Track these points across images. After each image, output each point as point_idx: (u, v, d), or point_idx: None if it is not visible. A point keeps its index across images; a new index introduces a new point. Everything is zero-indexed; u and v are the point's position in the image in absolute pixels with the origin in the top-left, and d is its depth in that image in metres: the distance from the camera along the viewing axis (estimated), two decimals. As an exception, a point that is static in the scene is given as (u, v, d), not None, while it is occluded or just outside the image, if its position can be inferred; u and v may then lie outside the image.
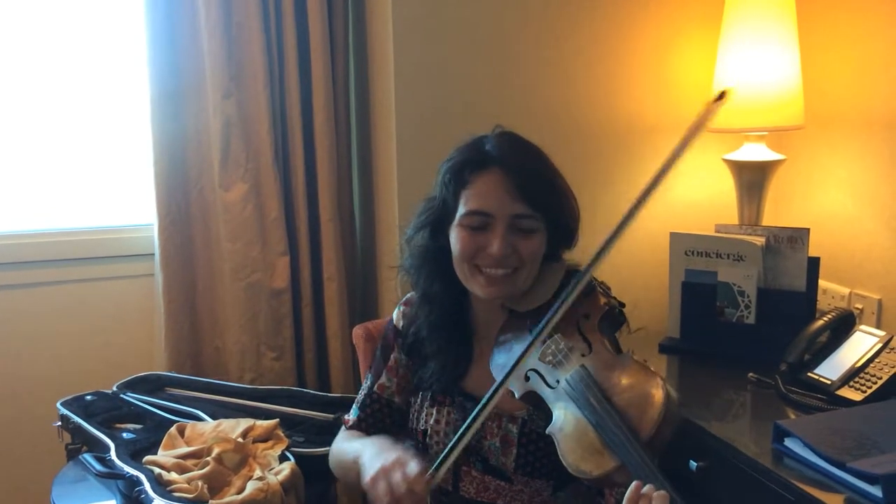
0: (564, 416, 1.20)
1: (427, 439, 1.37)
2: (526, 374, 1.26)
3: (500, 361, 1.31)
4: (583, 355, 1.24)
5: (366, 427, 1.47)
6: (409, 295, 1.48)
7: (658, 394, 1.14)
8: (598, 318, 1.29)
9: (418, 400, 1.41)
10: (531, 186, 1.27)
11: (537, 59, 2.11)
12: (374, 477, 1.18)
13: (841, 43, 2.01)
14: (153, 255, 2.31)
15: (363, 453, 1.29)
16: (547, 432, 1.21)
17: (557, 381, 1.23)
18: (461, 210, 1.30)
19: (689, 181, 2.25)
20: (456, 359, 1.37)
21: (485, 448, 1.33)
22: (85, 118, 2.40)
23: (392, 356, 1.46)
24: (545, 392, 1.24)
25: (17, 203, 2.39)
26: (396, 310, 1.49)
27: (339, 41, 2.30)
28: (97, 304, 2.41)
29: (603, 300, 1.32)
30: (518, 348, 1.28)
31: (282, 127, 2.30)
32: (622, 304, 1.35)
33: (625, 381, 1.19)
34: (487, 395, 1.21)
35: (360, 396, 1.50)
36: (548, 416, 1.23)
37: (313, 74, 2.26)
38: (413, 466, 1.17)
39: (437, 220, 1.35)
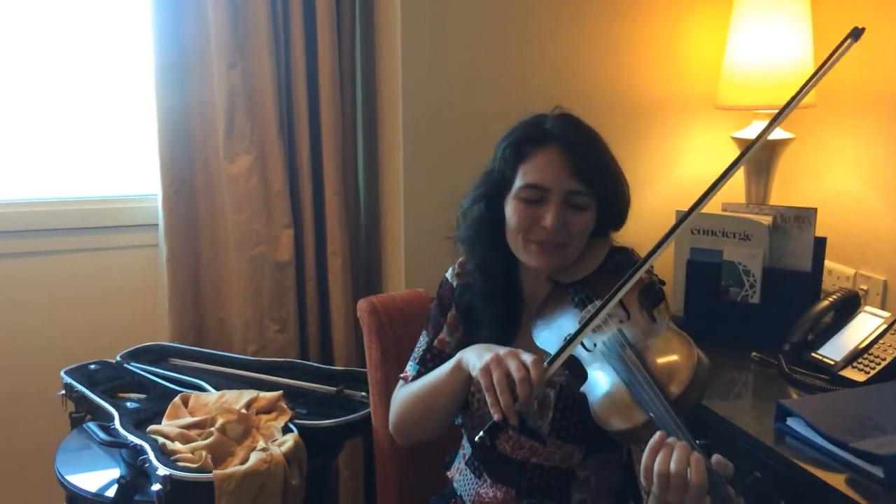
0: (598, 374, 1.25)
1: (469, 396, 1.40)
2: (565, 338, 1.30)
3: (544, 331, 1.37)
4: (621, 322, 1.30)
5: None
6: (461, 258, 1.51)
7: (690, 357, 1.20)
8: (638, 290, 1.34)
9: None
10: (587, 165, 1.33)
11: (545, 36, 2.09)
12: (487, 365, 1.22)
13: (853, 21, 1.97)
14: (157, 225, 2.30)
15: (456, 359, 1.33)
16: (581, 390, 1.26)
17: (595, 345, 1.29)
18: (518, 183, 1.35)
19: (696, 159, 2.24)
20: (505, 327, 1.42)
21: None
22: (90, 87, 2.38)
23: (450, 313, 1.49)
24: (582, 354, 1.29)
25: (21, 171, 2.38)
26: (450, 271, 1.52)
27: (345, 11, 2.28)
28: (101, 273, 2.41)
29: (644, 275, 1.35)
30: (560, 317, 1.36)
31: (287, 98, 2.28)
32: (662, 282, 1.41)
33: (659, 345, 1.25)
34: (610, 294, 1.26)
35: (417, 353, 1.51)
36: (583, 376, 1.27)
37: (319, 46, 2.24)
38: (527, 356, 1.21)
39: (494, 193, 1.39)
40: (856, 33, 1.29)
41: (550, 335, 1.35)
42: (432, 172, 2.05)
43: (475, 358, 1.27)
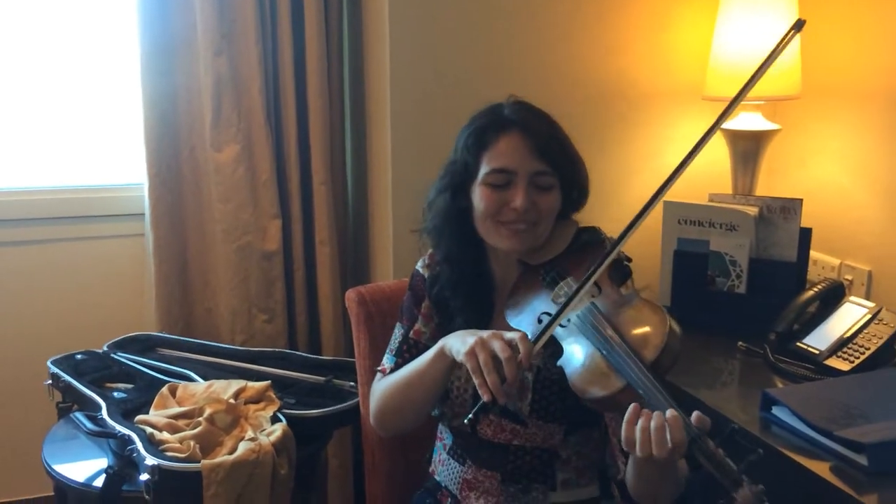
0: (573, 347, 1.28)
1: (448, 385, 1.41)
2: (539, 317, 1.34)
3: (518, 314, 1.39)
4: (592, 296, 1.33)
5: None
6: (430, 251, 1.53)
7: (662, 322, 1.23)
8: (608, 266, 1.35)
9: None
10: (548, 146, 1.37)
11: (533, 24, 2.09)
12: (472, 348, 1.23)
13: (840, 13, 2.00)
14: (143, 214, 2.29)
15: (436, 348, 1.34)
16: (558, 364, 1.28)
17: (569, 320, 1.31)
18: (484, 169, 1.37)
19: (683, 149, 2.22)
20: (479, 314, 1.44)
21: None
22: (75, 75, 2.36)
23: (424, 304, 1.50)
24: (557, 330, 1.31)
25: (5, 161, 2.36)
26: (419, 264, 1.54)
27: None
28: (87, 263, 2.40)
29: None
30: (532, 297, 1.38)
31: (274, 87, 2.27)
32: (629, 259, 1.43)
33: (631, 313, 1.28)
34: (587, 275, 1.29)
35: (393, 345, 1.52)
36: (559, 353, 1.30)
37: (306, 33, 2.23)
38: (512, 334, 1.24)
39: (459, 183, 1.41)
40: (798, 24, 1.34)
41: (525, 317, 1.37)
42: (420, 161, 2.05)
43: (458, 343, 1.28)
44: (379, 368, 1.54)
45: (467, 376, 1.38)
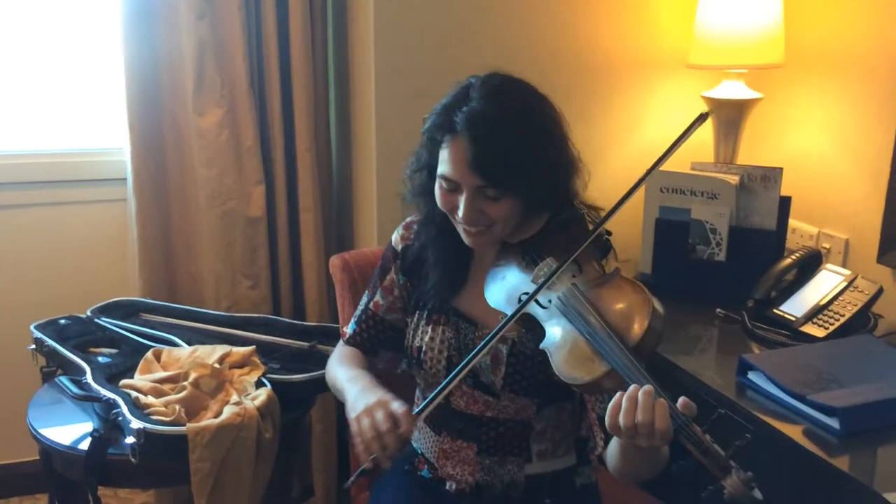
0: (556, 331, 1.26)
1: (421, 356, 1.43)
2: (519, 298, 1.31)
3: (494, 289, 1.37)
4: (573, 276, 1.30)
5: (361, 342, 1.52)
6: (408, 219, 1.52)
7: (645, 304, 1.21)
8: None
9: (414, 319, 1.46)
10: (491, 162, 1.26)
11: (519, -10, 2.08)
12: (358, 416, 1.25)
13: (824, -19, 2.00)
14: (126, 179, 2.28)
15: (349, 390, 1.35)
16: (541, 347, 1.27)
17: (549, 301, 1.29)
18: (438, 168, 1.33)
19: (667, 118, 2.26)
20: (454, 273, 1.43)
21: (476, 366, 1.38)
22: (55, 38, 2.33)
23: (388, 276, 1.50)
24: (538, 312, 1.29)
25: (-15, 124, 2.34)
26: (396, 233, 1.52)
27: (317, -37, 2.25)
28: (69, 228, 2.39)
29: (591, 226, 1.37)
30: (511, 276, 1.36)
31: (257, 52, 2.25)
32: (609, 233, 1.40)
33: (613, 294, 1.26)
34: (477, 348, 1.26)
35: (357, 311, 1.55)
36: (541, 335, 1.28)
37: (290, -2, 2.21)
38: (397, 406, 1.23)
39: (426, 166, 1.38)
40: (702, 117, 1.34)
41: (501, 293, 1.35)
42: (405, 128, 2.05)
43: (352, 401, 1.30)
44: (342, 331, 1.56)
45: (440, 347, 1.41)
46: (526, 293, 1.30)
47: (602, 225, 1.32)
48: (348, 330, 1.55)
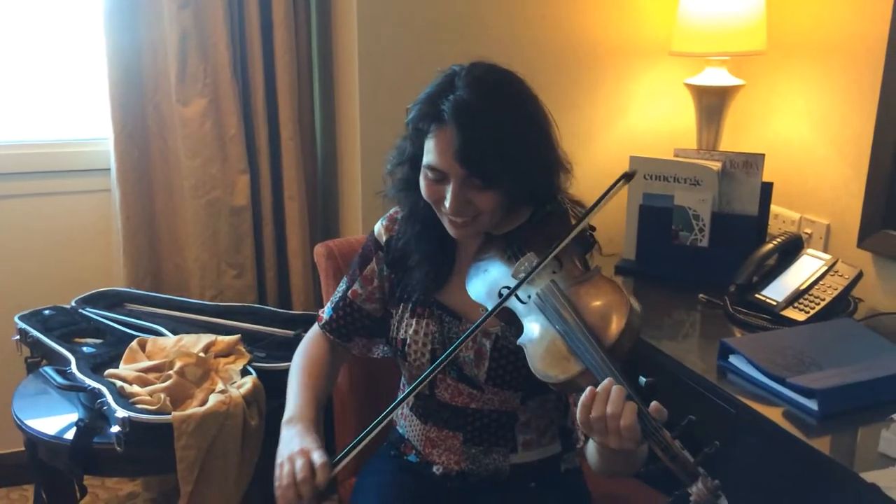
0: (534, 327, 1.26)
1: (406, 348, 1.43)
2: (499, 292, 1.31)
3: (476, 282, 1.36)
4: (553, 272, 1.30)
5: (337, 328, 1.52)
6: (391, 211, 1.51)
7: (622, 305, 1.20)
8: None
9: (398, 311, 1.46)
10: (479, 152, 1.25)
11: (503, -23, 2.08)
12: (281, 462, 1.29)
13: (805, -32, 2.01)
14: (109, 170, 2.27)
15: (283, 429, 1.37)
16: (518, 343, 1.27)
17: (528, 297, 1.28)
18: (424, 158, 1.31)
19: (649, 105, 2.27)
20: (438, 267, 1.42)
21: (459, 359, 1.39)
22: (38, 27, 2.31)
23: (369, 266, 1.49)
24: (517, 307, 1.29)
25: (-34, 114, 2.32)
26: (379, 224, 1.51)
27: (299, -49, 2.24)
28: (53, 219, 2.38)
29: (574, 221, 1.35)
30: (493, 270, 1.35)
31: (240, 41, 2.24)
32: (593, 228, 1.40)
33: (592, 293, 1.25)
34: (444, 356, 1.27)
35: (334, 298, 1.54)
36: (519, 329, 1.28)
37: (273, -14, 2.20)
38: (317, 457, 1.26)
39: (409, 159, 1.36)
40: (627, 176, 1.33)
41: (482, 286, 1.35)
42: (389, 116, 2.04)
43: (281, 445, 1.33)
44: (319, 314, 1.56)
45: (423, 340, 1.41)
46: (507, 287, 1.30)
47: (583, 222, 1.31)
48: (325, 315, 1.54)
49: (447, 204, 1.29)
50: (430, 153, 1.29)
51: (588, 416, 1.12)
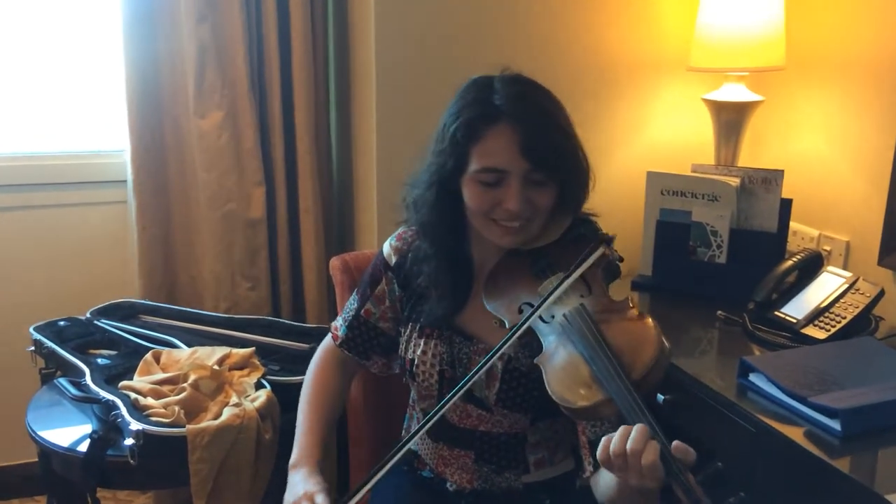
0: (555, 348, 1.22)
1: (414, 368, 1.41)
2: (520, 307, 1.28)
3: (497, 297, 1.33)
4: (582, 296, 1.27)
5: (354, 346, 1.51)
6: (400, 230, 1.48)
7: (653, 339, 1.17)
8: (600, 266, 1.32)
9: (407, 330, 1.44)
10: (544, 143, 1.25)
11: (520, -7, 2.08)
12: None
13: (825, -16, 2.00)
14: (126, 181, 2.28)
15: (292, 471, 1.38)
16: (535, 361, 1.23)
17: (552, 317, 1.25)
18: (474, 165, 1.27)
19: (668, 120, 2.26)
20: (458, 296, 1.39)
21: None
22: (57, 40, 2.33)
23: (379, 287, 1.47)
24: (539, 325, 1.26)
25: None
26: (387, 244, 1.48)
27: (317, -34, 2.25)
28: (70, 230, 2.39)
29: (605, 250, 1.33)
30: (516, 283, 1.32)
31: (258, 54, 2.25)
32: (620, 259, 1.39)
33: (622, 323, 1.22)
34: (461, 383, 1.26)
35: (347, 315, 1.52)
36: (536, 347, 1.25)
37: (291, 1, 2.21)
38: (320, 500, 1.28)
39: (448, 175, 1.31)
40: (608, 240, 1.34)
41: (503, 301, 1.32)
42: (405, 129, 2.05)
43: (289, 488, 1.35)
44: (332, 329, 1.54)
45: (431, 361, 1.39)
46: (527, 303, 1.27)
47: (606, 244, 1.30)
48: (340, 333, 1.52)
49: (510, 205, 1.26)
50: (485, 155, 1.26)
51: (608, 451, 1.08)
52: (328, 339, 1.56)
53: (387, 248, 1.48)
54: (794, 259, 1.81)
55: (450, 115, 1.31)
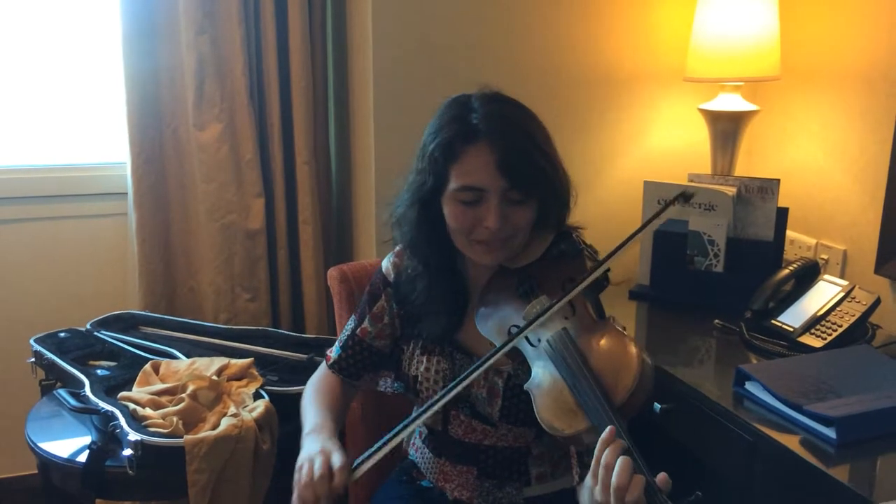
0: (542, 374, 1.23)
1: (417, 385, 1.41)
2: (509, 330, 1.29)
3: (487, 319, 1.34)
4: (565, 318, 1.27)
5: (346, 367, 1.51)
6: (399, 247, 1.48)
7: (634, 362, 1.17)
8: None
9: (409, 347, 1.44)
10: (519, 163, 1.26)
11: (517, 6, 2.09)
12: (300, 463, 1.26)
13: (819, -6, 2.02)
14: (126, 194, 2.29)
15: (304, 441, 1.34)
16: (525, 388, 1.25)
17: (539, 340, 1.26)
18: (453, 185, 1.28)
19: (664, 130, 2.27)
20: (452, 315, 1.39)
21: (472, 397, 1.37)
22: (57, 53, 2.35)
23: (378, 304, 1.47)
24: (526, 349, 1.27)
25: (-14, 138, 2.35)
26: (387, 260, 1.49)
27: (316, -21, 2.27)
28: (70, 242, 2.40)
29: (589, 264, 1.34)
30: (504, 306, 1.33)
31: (257, 66, 2.27)
32: (607, 269, 1.37)
33: (604, 346, 1.22)
34: (457, 380, 1.26)
35: (342, 337, 1.52)
36: (528, 371, 1.26)
37: (289, 12, 2.22)
38: (336, 458, 1.24)
39: (428, 194, 1.32)
40: (685, 196, 1.35)
41: (493, 324, 1.33)
42: (403, 139, 2.04)
43: (302, 447, 1.31)
44: (326, 354, 1.54)
45: (434, 378, 1.39)
46: (516, 326, 1.28)
47: (599, 269, 1.29)
48: (333, 355, 1.52)
49: (489, 223, 1.27)
50: (463, 174, 1.27)
51: (594, 483, 1.09)
52: (322, 365, 1.56)
53: (385, 264, 1.49)
54: (791, 268, 1.81)
55: (429, 135, 1.32)
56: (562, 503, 1.43)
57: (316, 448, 1.27)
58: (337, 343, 1.53)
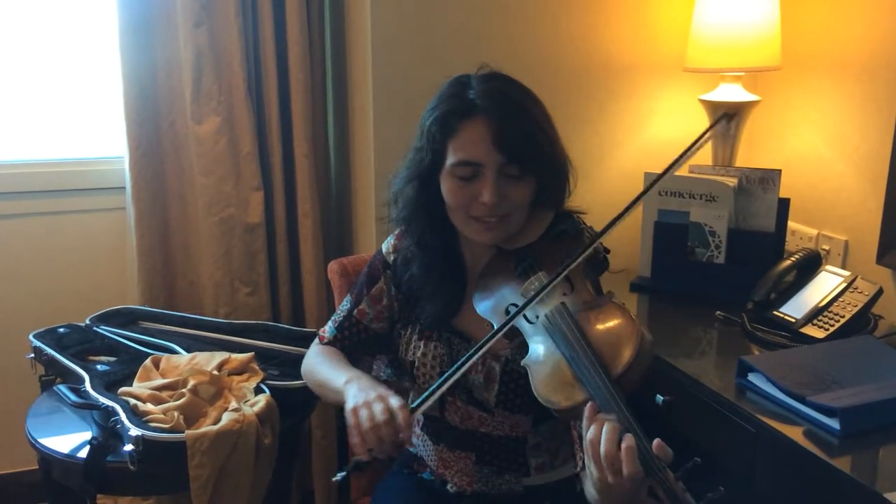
0: (540, 349, 1.23)
1: (414, 370, 1.42)
2: (507, 309, 1.29)
3: (485, 300, 1.34)
4: (564, 294, 1.27)
5: (342, 348, 1.50)
6: (398, 230, 1.48)
7: (633, 335, 1.17)
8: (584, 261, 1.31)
9: (407, 332, 1.44)
10: (517, 135, 1.26)
11: (516, -5, 2.08)
12: (356, 408, 1.22)
13: (820, -17, 2.01)
14: (124, 188, 2.28)
15: (349, 387, 1.29)
16: (522, 364, 1.24)
17: (537, 317, 1.26)
18: (450, 160, 1.29)
19: (664, 121, 2.26)
20: (451, 297, 1.39)
21: (469, 382, 1.37)
22: (54, 47, 2.34)
23: (377, 286, 1.47)
24: (524, 326, 1.27)
25: (-17, 133, 2.34)
26: (387, 242, 1.49)
27: (313, -29, 2.25)
28: (68, 237, 2.39)
29: (594, 250, 1.33)
30: (502, 285, 1.33)
31: (255, 59, 2.25)
32: (607, 250, 1.38)
33: (602, 319, 1.22)
34: (480, 344, 1.23)
35: (338, 316, 1.51)
36: (525, 349, 1.26)
37: (287, 3, 2.21)
38: (394, 401, 1.21)
39: (426, 171, 1.33)
40: (728, 116, 1.32)
41: (491, 304, 1.32)
42: (402, 133, 2.03)
43: (351, 396, 1.26)
44: (319, 332, 1.53)
45: (432, 363, 1.39)
46: (514, 305, 1.28)
47: (598, 240, 1.29)
48: (327, 334, 1.51)
49: (485, 198, 1.27)
50: (460, 149, 1.28)
51: (588, 461, 1.08)
52: (315, 342, 1.54)
53: (386, 246, 1.49)
54: (793, 258, 1.81)
55: (428, 111, 1.33)
56: (562, 492, 1.43)
57: (371, 393, 1.23)
58: (331, 322, 1.52)
